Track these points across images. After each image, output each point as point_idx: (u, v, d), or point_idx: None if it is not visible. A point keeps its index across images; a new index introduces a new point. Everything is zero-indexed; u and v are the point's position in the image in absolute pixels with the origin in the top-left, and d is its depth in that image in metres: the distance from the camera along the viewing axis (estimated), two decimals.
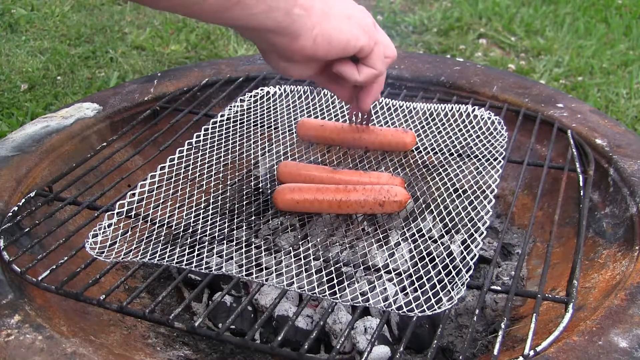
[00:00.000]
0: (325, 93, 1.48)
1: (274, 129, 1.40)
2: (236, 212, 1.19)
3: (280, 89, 1.50)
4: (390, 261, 1.04)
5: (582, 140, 1.35)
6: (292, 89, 1.51)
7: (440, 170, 1.27)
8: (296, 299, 1.16)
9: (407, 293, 0.98)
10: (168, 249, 1.03)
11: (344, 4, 0.93)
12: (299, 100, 1.49)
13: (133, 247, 1.03)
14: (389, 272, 1.01)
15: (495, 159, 1.24)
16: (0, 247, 1.03)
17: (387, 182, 1.16)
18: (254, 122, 1.41)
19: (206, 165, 1.25)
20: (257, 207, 1.22)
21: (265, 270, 1.02)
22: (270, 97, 1.49)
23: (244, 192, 1.26)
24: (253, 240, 1.12)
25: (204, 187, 1.22)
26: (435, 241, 1.11)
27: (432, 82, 1.64)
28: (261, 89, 1.49)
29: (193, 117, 1.45)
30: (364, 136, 1.28)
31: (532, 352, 0.85)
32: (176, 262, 0.99)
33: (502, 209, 1.46)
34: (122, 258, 0.99)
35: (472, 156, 1.28)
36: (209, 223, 1.12)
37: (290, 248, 1.06)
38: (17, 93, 2.50)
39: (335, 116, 1.43)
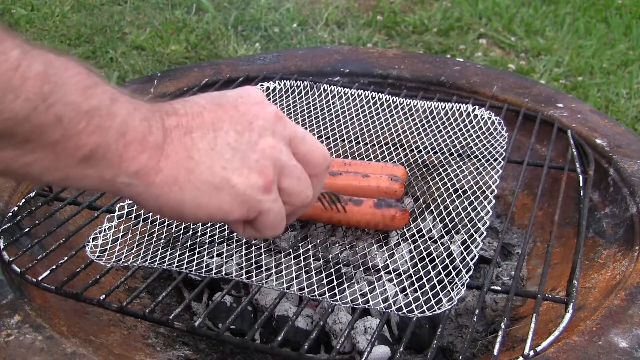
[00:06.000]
0: (325, 89, 1.48)
1: None
2: None
3: (280, 84, 1.50)
4: (390, 262, 1.04)
5: (582, 140, 1.35)
6: (292, 84, 1.50)
7: (440, 170, 1.27)
8: (296, 299, 1.16)
9: (407, 293, 0.98)
10: (168, 251, 1.03)
11: (219, 162, 0.65)
12: (298, 96, 1.49)
13: (133, 250, 1.03)
14: (388, 273, 1.01)
15: (495, 159, 1.23)
16: (0, 247, 1.03)
17: (389, 172, 1.16)
18: None
19: None
20: None
21: (265, 271, 1.02)
22: (270, 93, 1.48)
23: None
24: (253, 241, 1.12)
25: None
26: (435, 241, 1.11)
27: (432, 82, 1.64)
28: (260, 85, 1.48)
29: None
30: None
31: (532, 352, 0.85)
32: (176, 266, 0.99)
33: (502, 209, 1.46)
34: (122, 262, 0.99)
35: (472, 156, 1.28)
36: (208, 224, 1.12)
37: (290, 249, 1.06)
38: None
39: (335, 112, 1.43)
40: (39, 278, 0.96)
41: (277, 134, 0.69)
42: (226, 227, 1.12)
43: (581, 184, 1.21)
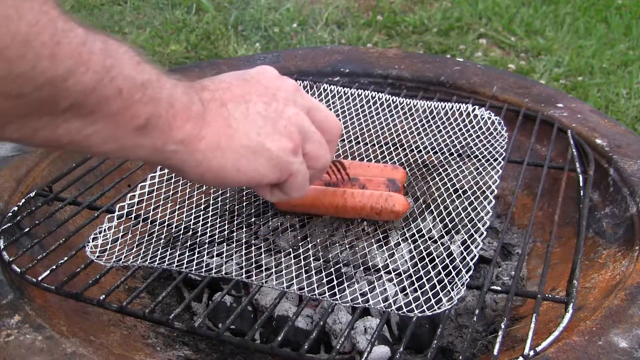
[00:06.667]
0: (325, 89, 1.48)
1: None
2: (236, 212, 1.19)
3: None
4: (390, 261, 1.04)
5: (582, 140, 1.35)
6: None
7: (440, 170, 1.27)
8: (296, 299, 1.16)
9: (407, 293, 0.98)
10: (168, 251, 1.03)
11: (253, 129, 0.72)
12: None
13: (133, 250, 1.03)
14: (388, 273, 1.01)
15: (495, 159, 1.23)
16: (0, 247, 1.03)
17: (388, 174, 1.16)
18: None
19: None
20: (257, 208, 1.22)
21: (265, 271, 1.02)
22: None
23: (244, 193, 1.26)
24: (253, 241, 1.12)
25: (204, 187, 1.22)
26: (435, 241, 1.11)
27: (432, 82, 1.64)
28: None
29: None
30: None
31: (532, 352, 0.85)
32: (176, 266, 0.99)
33: (502, 209, 1.46)
34: (122, 262, 0.99)
35: (472, 156, 1.28)
36: (208, 224, 1.12)
37: (290, 249, 1.06)
38: None
39: (335, 111, 1.43)
40: (39, 278, 0.96)
41: (298, 104, 0.78)
42: (226, 227, 1.12)
43: (581, 184, 1.21)
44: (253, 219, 1.20)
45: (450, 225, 1.14)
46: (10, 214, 1.13)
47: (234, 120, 0.72)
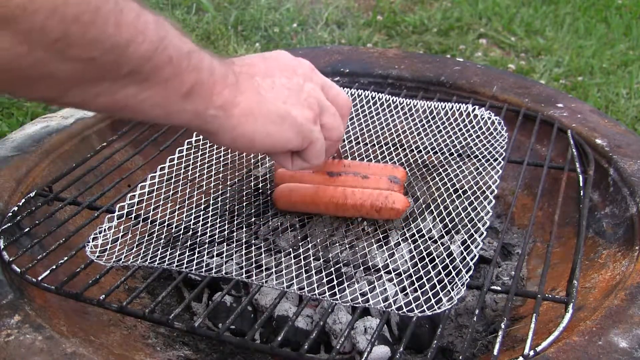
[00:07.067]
0: None
1: None
2: (236, 212, 1.19)
3: None
4: (390, 261, 1.04)
5: (582, 140, 1.35)
6: None
7: (440, 170, 1.27)
8: (296, 299, 1.16)
9: (407, 293, 0.98)
10: (168, 251, 1.03)
11: (280, 98, 0.80)
12: None
13: (133, 250, 1.03)
14: (389, 273, 1.01)
15: (495, 159, 1.23)
16: (0, 247, 1.03)
17: (389, 173, 1.16)
18: None
19: (206, 165, 1.25)
20: (257, 208, 1.22)
21: (265, 270, 1.02)
22: None
23: (244, 193, 1.26)
24: (253, 241, 1.12)
25: (204, 187, 1.22)
26: (435, 241, 1.11)
27: (432, 82, 1.64)
28: None
29: None
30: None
31: (532, 352, 0.85)
32: (176, 265, 0.99)
33: (502, 209, 1.46)
34: (123, 262, 0.99)
35: (472, 156, 1.28)
36: (208, 224, 1.12)
37: (290, 249, 1.06)
38: None
39: None
40: (39, 278, 0.96)
41: (314, 80, 0.86)
42: (226, 227, 1.12)
43: (581, 184, 1.21)
44: (253, 219, 1.20)
45: (450, 225, 1.14)
46: (10, 214, 1.13)
47: (263, 90, 0.79)
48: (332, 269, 1.01)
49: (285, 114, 0.80)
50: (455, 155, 1.30)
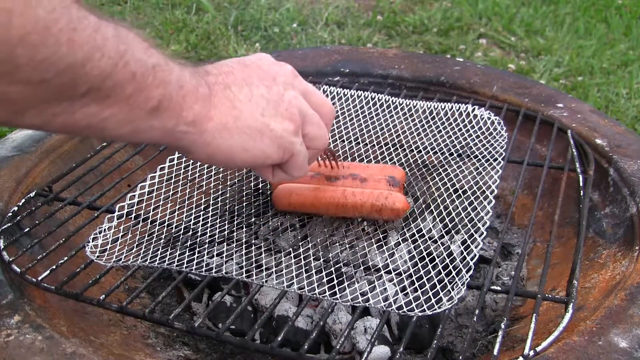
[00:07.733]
0: (325, 90, 1.48)
1: None
2: (236, 212, 1.19)
3: None
4: (390, 261, 1.04)
5: (582, 140, 1.35)
6: None
7: (440, 170, 1.27)
8: (296, 299, 1.16)
9: (407, 293, 0.98)
10: (168, 251, 1.03)
11: (258, 110, 0.75)
12: None
13: (133, 250, 1.03)
14: (388, 272, 1.01)
15: (495, 159, 1.23)
16: (0, 247, 1.03)
17: (388, 174, 1.16)
18: None
19: (206, 165, 1.25)
20: (257, 208, 1.22)
21: (265, 270, 1.02)
22: None
23: (244, 193, 1.26)
24: (253, 241, 1.12)
25: (204, 187, 1.22)
26: (435, 241, 1.11)
27: (432, 82, 1.64)
28: None
29: None
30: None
31: (532, 352, 0.85)
32: (176, 265, 0.99)
33: (502, 209, 1.46)
34: (123, 262, 0.99)
35: (472, 156, 1.28)
36: (208, 224, 1.12)
37: (290, 249, 1.06)
38: None
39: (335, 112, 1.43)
40: (39, 278, 0.96)
41: (296, 88, 0.81)
42: (226, 227, 1.12)
43: (581, 184, 1.21)
44: (253, 219, 1.20)
45: (450, 225, 1.14)
46: (10, 214, 1.13)
47: (239, 102, 0.74)
48: (332, 268, 1.01)
49: (263, 127, 0.75)
50: (456, 155, 1.30)
